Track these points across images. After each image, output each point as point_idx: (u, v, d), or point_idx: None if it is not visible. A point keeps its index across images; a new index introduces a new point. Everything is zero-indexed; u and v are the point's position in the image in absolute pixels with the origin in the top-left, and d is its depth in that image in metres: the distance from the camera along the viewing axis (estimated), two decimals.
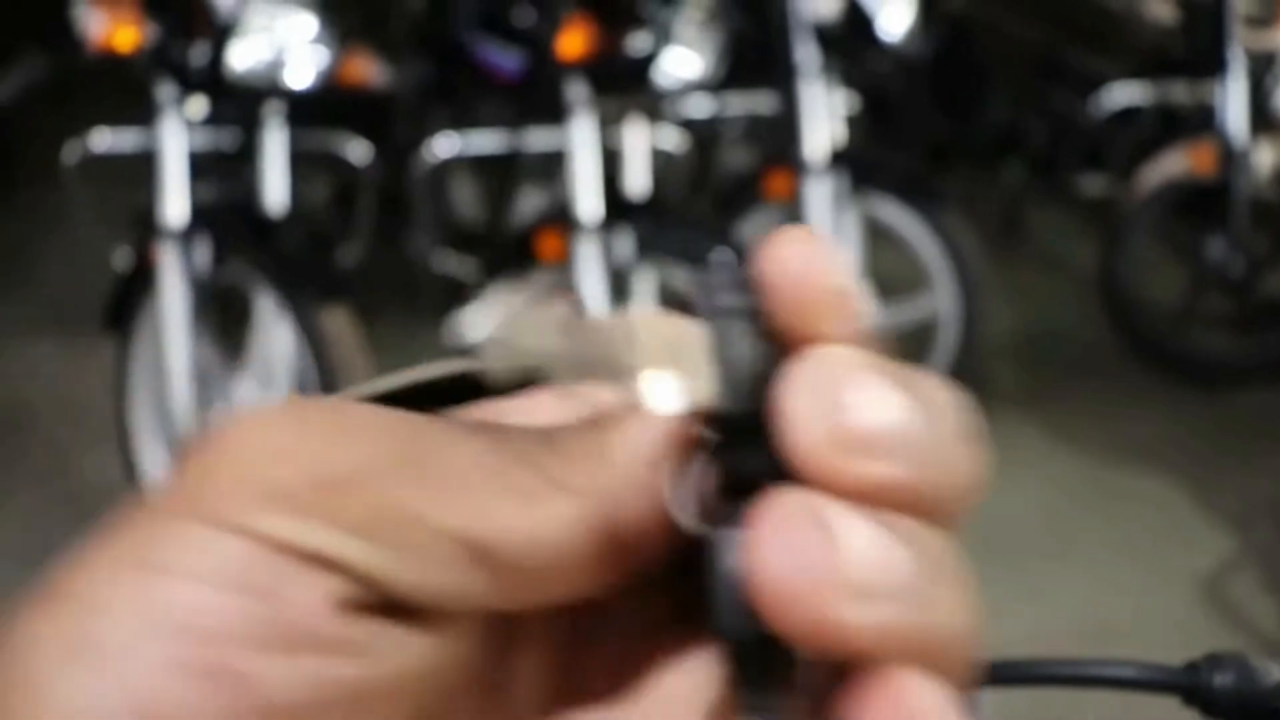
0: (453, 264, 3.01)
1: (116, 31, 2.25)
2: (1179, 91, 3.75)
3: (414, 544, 0.20)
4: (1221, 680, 0.55)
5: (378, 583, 0.21)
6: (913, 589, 0.20)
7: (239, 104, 2.45)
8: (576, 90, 2.46)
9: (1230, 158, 3.21)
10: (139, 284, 2.44)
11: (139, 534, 0.20)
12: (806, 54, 2.78)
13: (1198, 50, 3.42)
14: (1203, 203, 3.28)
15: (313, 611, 0.20)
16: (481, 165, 3.13)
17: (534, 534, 0.21)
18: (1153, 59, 3.84)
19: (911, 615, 0.20)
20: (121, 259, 2.51)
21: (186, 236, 2.32)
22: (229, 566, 0.20)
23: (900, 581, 0.20)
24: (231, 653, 0.19)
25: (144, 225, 2.39)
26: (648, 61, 2.50)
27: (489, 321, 0.23)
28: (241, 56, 2.35)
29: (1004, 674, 0.62)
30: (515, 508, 0.21)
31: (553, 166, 2.65)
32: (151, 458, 2.54)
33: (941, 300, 2.86)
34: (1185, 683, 0.56)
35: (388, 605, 0.21)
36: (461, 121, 3.01)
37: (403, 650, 0.21)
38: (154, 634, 0.19)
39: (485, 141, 2.95)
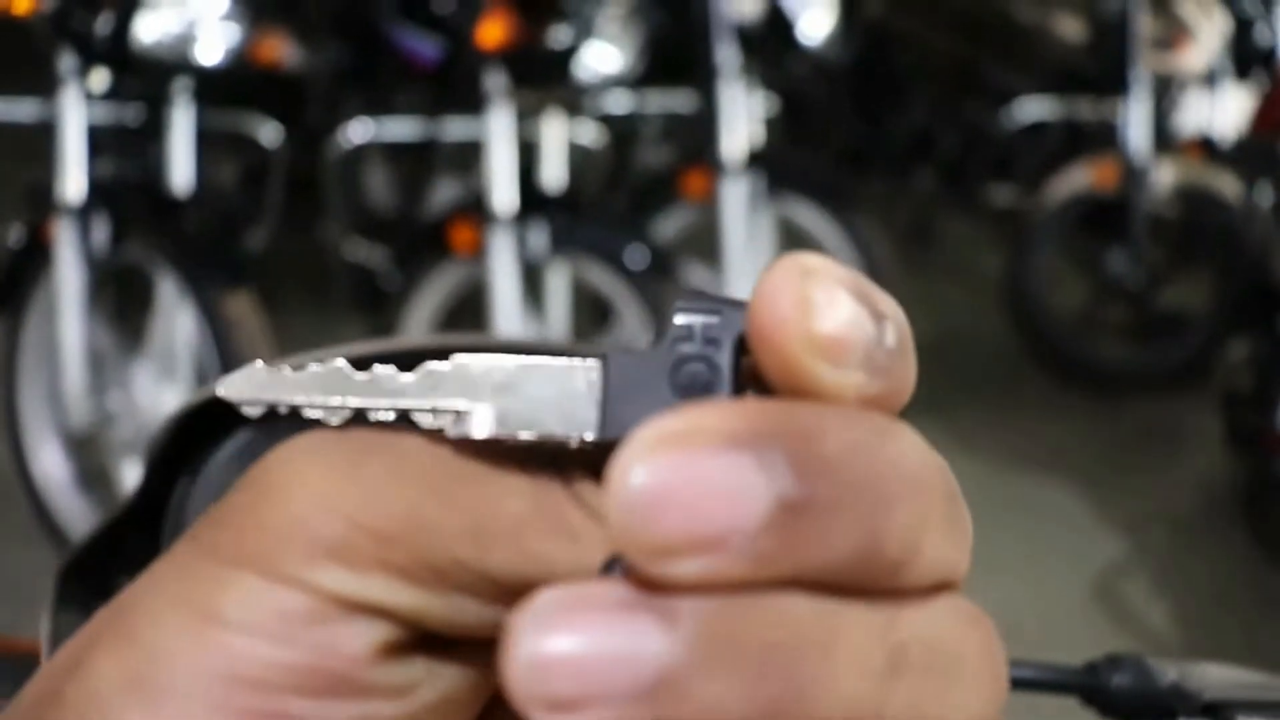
0: (364, 252, 2.96)
1: None
2: (1085, 108, 3.86)
3: (461, 587, 0.22)
4: (1119, 680, 0.55)
5: (423, 626, 0.22)
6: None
7: (145, 78, 2.37)
8: (495, 80, 2.43)
9: (1131, 174, 3.30)
10: (32, 262, 2.35)
11: (198, 580, 0.22)
12: (727, 54, 2.79)
13: (1104, 69, 3.51)
14: (1105, 217, 3.37)
15: (360, 659, 0.22)
16: (396, 153, 3.08)
17: (578, 568, 0.22)
18: (1062, 75, 3.94)
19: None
20: (14, 235, 2.41)
21: (83, 213, 2.23)
22: (281, 618, 0.21)
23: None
24: (281, 700, 0.21)
25: (39, 200, 2.30)
26: (568, 54, 2.48)
27: (239, 381, 0.23)
28: (149, 29, 2.27)
29: None
30: (559, 546, 0.22)
31: (469, 157, 2.62)
32: (42, 444, 2.45)
33: None
34: (1084, 683, 0.56)
35: (428, 641, 0.22)
36: (377, 108, 2.96)
37: (442, 682, 0.23)
38: (210, 681, 0.21)
39: (400, 128, 2.91)
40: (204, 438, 0.58)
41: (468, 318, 2.58)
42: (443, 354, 0.29)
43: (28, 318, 2.41)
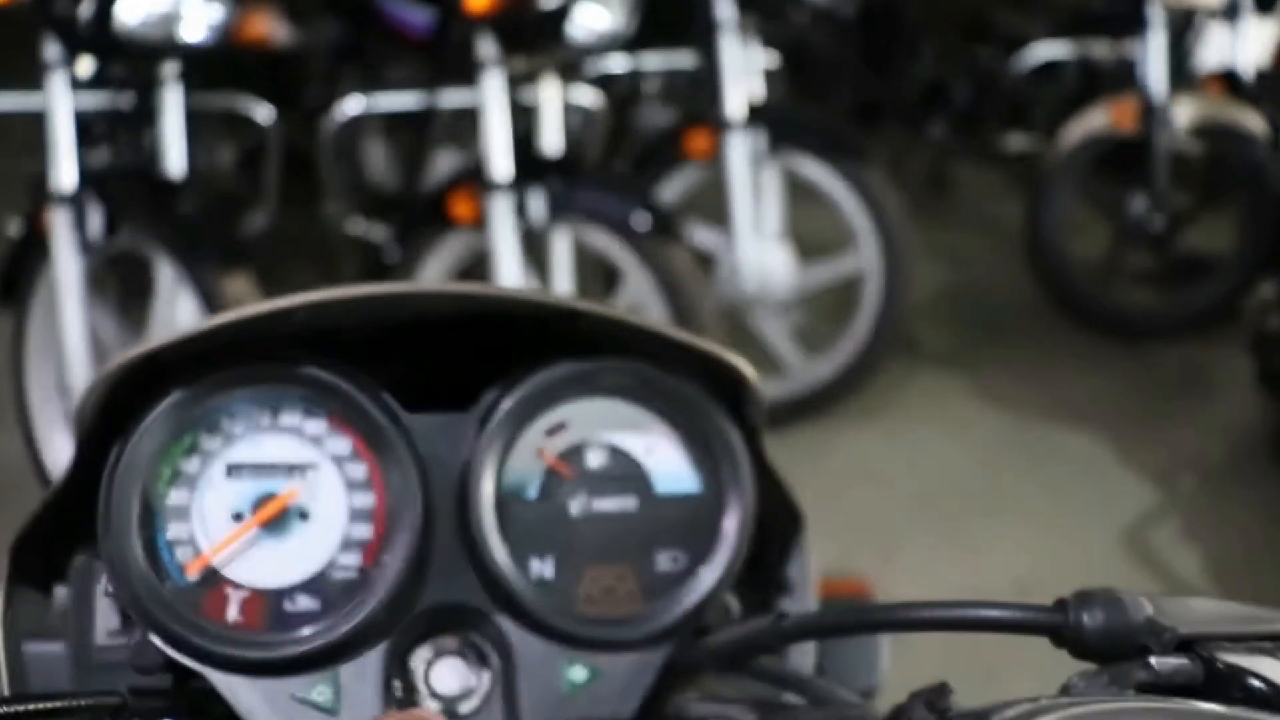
0: (365, 227, 2.93)
1: None
2: (1100, 48, 3.76)
3: None
4: (1090, 619, 0.51)
5: None
6: None
7: (131, 62, 2.34)
8: (486, 46, 2.38)
9: (1150, 113, 3.22)
10: (32, 253, 2.34)
11: None
12: (724, 9, 2.73)
13: (1118, 7, 3.42)
14: (1124, 158, 3.29)
15: None
16: (393, 126, 3.04)
17: None
18: (1075, 16, 3.85)
19: None
20: (13, 227, 2.40)
21: (76, 201, 2.22)
22: None
23: None
24: None
25: (37, 191, 2.29)
26: (558, 16, 2.43)
27: None
28: (132, 11, 2.24)
29: (874, 620, 0.58)
30: None
31: (465, 126, 2.58)
32: (53, 434, 2.45)
33: (865, 258, 2.84)
34: (1053, 623, 0.52)
35: None
36: (371, 81, 2.92)
37: None
38: None
39: (395, 101, 2.87)
40: (132, 401, 0.53)
41: None
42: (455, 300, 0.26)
43: (31, 309, 2.40)
